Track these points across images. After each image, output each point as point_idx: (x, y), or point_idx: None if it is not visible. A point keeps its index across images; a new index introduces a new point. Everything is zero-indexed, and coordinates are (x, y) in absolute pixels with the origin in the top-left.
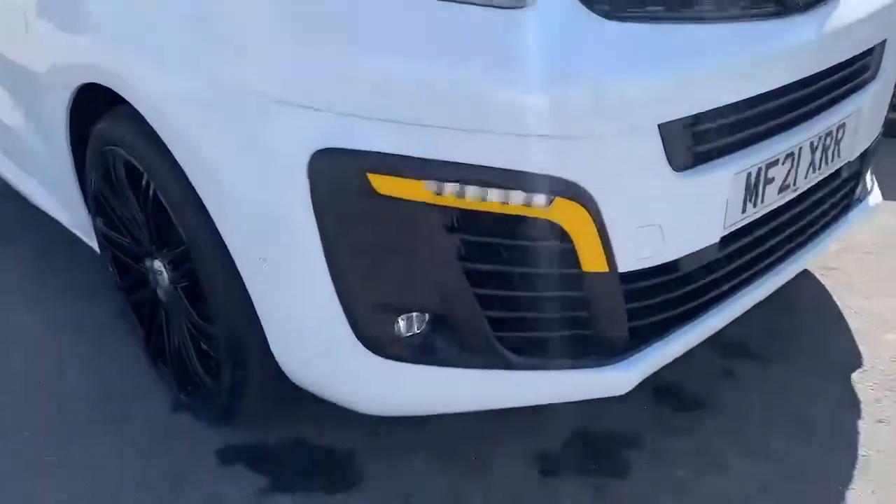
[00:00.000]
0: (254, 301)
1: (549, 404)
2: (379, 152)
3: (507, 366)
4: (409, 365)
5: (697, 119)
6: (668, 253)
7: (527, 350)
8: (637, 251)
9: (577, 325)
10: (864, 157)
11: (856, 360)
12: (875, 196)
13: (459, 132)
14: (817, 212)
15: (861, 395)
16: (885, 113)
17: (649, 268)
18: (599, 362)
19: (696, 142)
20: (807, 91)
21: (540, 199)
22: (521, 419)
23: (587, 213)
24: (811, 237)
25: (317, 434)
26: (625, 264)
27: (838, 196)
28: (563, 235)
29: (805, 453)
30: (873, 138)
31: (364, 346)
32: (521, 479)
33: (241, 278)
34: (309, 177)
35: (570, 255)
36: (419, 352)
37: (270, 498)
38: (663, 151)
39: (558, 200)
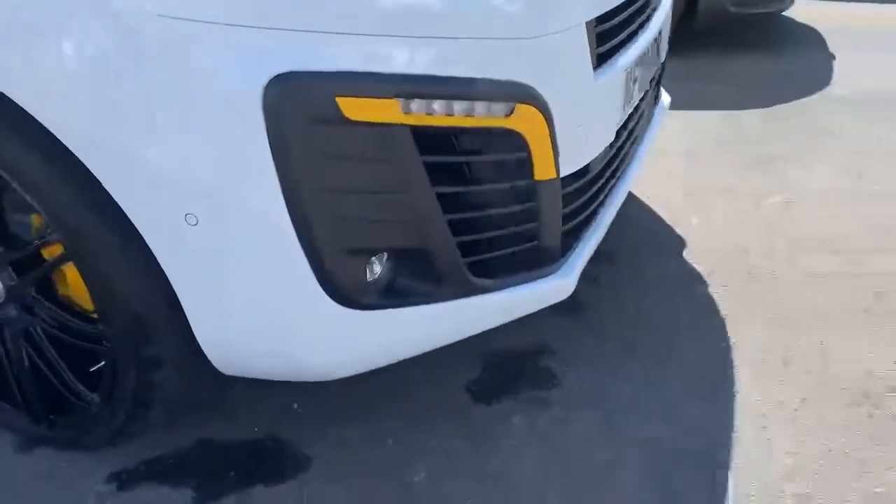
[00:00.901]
0: (172, 279)
1: None
2: (347, 71)
3: (476, 291)
4: (380, 311)
5: (602, 18)
6: (587, 155)
7: (489, 272)
8: (570, 156)
9: (529, 239)
10: (664, 62)
11: (680, 242)
12: (666, 97)
13: (425, 41)
14: (648, 111)
15: (699, 269)
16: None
17: (574, 172)
18: (548, 272)
19: (599, 42)
20: None
21: (502, 107)
22: (427, 361)
23: (543, 119)
24: (644, 134)
25: (226, 429)
26: (564, 169)
27: (653, 97)
28: (522, 144)
29: (683, 327)
30: (668, 44)
31: (334, 299)
32: (464, 414)
33: (153, 258)
34: (264, 109)
35: (526, 164)
36: (389, 295)
37: None
38: (588, 50)
39: (519, 107)
